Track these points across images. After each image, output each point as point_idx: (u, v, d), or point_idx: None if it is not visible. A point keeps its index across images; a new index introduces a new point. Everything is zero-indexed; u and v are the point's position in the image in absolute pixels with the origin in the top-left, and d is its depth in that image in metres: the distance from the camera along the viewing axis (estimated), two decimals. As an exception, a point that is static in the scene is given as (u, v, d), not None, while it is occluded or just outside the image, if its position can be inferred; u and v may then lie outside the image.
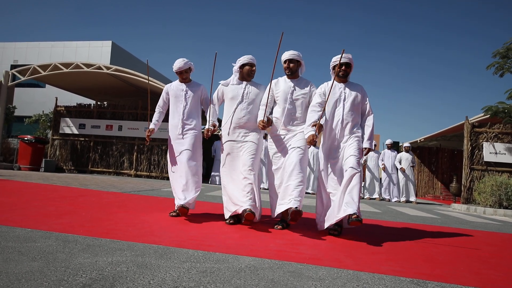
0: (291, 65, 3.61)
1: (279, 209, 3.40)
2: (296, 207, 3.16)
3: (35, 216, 3.21)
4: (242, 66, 3.75)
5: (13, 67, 20.57)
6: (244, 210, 3.33)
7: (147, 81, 11.22)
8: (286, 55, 3.63)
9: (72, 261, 1.92)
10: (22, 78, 12.18)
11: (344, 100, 3.46)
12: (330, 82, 3.51)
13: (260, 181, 3.93)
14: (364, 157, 3.83)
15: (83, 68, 11.42)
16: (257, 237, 3.01)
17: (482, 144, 9.60)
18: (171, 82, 4.27)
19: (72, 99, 16.23)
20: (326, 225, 3.34)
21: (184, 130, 3.93)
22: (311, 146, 3.38)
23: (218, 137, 12.86)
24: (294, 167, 3.36)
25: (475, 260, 2.74)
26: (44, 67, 11.96)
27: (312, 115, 3.41)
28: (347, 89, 3.50)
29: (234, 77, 3.81)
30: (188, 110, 3.96)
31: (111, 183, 8.29)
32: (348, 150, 3.37)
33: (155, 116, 4.15)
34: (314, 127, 3.31)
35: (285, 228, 3.52)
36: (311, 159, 11.16)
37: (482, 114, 9.98)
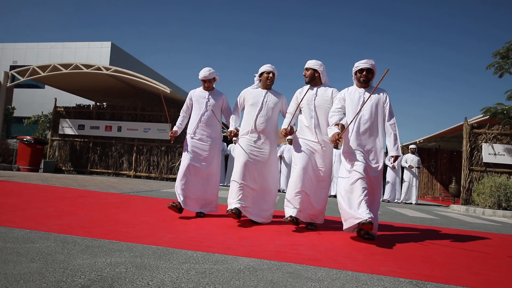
0: (307, 72, 3.79)
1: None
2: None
3: (34, 217, 3.21)
4: (261, 74, 3.98)
5: (12, 67, 20.55)
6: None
7: (146, 82, 11.23)
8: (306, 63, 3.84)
9: (71, 262, 1.92)
10: (21, 79, 12.18)
11: (363, 105, 3.45)
12: (350, 88, 3.59)
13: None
14: (400, 160, 3.67)
15: (82, 69, 11.41)
16: (256, 238, 3.01)
17: (481, 145, 9.61)
18: (170, 82, 4.32)
19: (71, 100, 16.24)
20: (347, 227, 3.29)
21: (203, 136, 4.09)
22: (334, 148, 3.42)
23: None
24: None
25: (474, 261, 2.75)
26: (43, 68, 11.95)
27: (334, 118, 3.50)
28: (367, 94, 3.49)
29: (257, 85, 4.04)
30: (207, 117, 4.11)
31: (110, 184, 8.29)
32: (371, 168, 3.38)
33: (179, 120, 4.33)
34: (337, 126, 3.41)
35: (295, 223, 3.49)
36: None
37: (481, 115, 9.98)
